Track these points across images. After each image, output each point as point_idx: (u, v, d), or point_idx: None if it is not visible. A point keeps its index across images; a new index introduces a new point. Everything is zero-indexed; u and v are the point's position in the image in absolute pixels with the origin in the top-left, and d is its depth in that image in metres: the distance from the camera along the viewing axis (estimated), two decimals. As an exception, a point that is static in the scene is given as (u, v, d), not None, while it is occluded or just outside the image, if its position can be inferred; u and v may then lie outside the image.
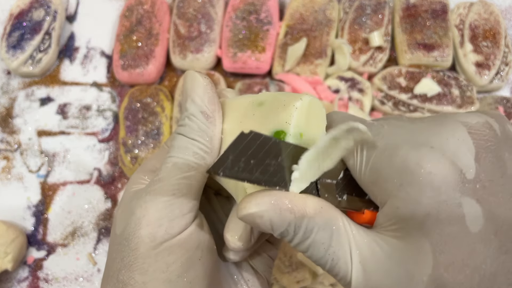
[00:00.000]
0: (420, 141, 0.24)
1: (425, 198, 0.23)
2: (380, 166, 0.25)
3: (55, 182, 0.63)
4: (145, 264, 0.26)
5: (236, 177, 0.24)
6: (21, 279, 0.58)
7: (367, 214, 0.28)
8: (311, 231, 0.24)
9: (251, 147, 0.24)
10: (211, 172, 0.23)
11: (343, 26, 0.68)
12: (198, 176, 0.28)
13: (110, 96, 0.68)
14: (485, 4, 0.69)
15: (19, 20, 0.69)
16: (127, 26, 0.69)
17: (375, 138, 0.26)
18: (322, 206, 0.25)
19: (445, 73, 0.64)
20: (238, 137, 0.23)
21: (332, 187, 0.27)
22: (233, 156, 0.23)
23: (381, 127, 0.26)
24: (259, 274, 0.33)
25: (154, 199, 0.27)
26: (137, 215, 0.27)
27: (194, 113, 0.28)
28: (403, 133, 0.25)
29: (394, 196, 0.24)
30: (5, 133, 0.66)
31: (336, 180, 0.28)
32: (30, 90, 0.69)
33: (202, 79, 0.29)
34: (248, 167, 0.24)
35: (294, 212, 0.24)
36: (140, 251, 0.26)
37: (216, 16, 0.69)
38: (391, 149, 0.25)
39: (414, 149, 0.24)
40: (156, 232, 0.26)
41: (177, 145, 0.28)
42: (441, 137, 0.24)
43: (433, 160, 0.23)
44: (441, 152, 0.23)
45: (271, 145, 0.25)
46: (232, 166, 0.23)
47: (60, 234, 0.61)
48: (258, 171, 0.24)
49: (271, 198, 0.24)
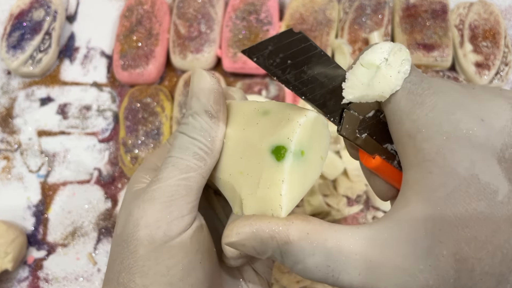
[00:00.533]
0: (472, 111, 0.23)
1: (461, 169, 0.22)
2: (424, 124, 0.23)
3: (55, 182, 0.63)
4: (145, 267, 0.26)
5: (269, 70, 0.23)
6: (21, 279, 0.58)
7: (377, 160, 0.27)
8: (299, 256, 0.23)
9: (293, 47, 0.23)
10: (246, 54, 0.22)
11: (343, 26, 0.68)
12: (197, 177, 0.28)
13: (110, 96, 0.68)
14: (485, 4, 0.69)
15: (19, 20, 0.69)
16: (127, 26, 0.69)
17: (425, 92, 0.24)
18: (308, 231, 0.24)
19: (445, 73, 0.64)
20: (285, 32, 0.23)
21: (357, 120, 0.27)
22: (273, 47, 0.23)
23: (433, 82, 0.25)
24: (259, 275, 0.33)
25: (152, 200, 0.27)
26: (135, 216, 0.27)
27: (198, 112, 0.28)
28: (456, 96, 0.24)
29: (431, 160, 0.23)
30: (5, 133, 0.66)
31: (364, 116, 0.27)
32: (30, 90, 0.69)
33: (210, 78, 0.28)
34: (283, 65, 0.23)
35: (276, 239, 0.23)
36: (140, 253, 0.26)
37: (216, 16, 0.69)
38: (442, 110, 0.23)
39: (465, 118, 0.23)
40: (155, 234, 0.26)
41: (178, 145, 0.28)
42: (492, 111, 0.23)
43: (481, 135, 0.22)
44: (489, 128, 0.22)
45: (314, 54, 0.24)
46: (268, 56, 0.23)
47: (60, 234, 0.61)
48: (292, 73, 0.24)
49: (252, 227, 0.24)
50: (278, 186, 0.25)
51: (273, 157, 0.25)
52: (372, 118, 0.27)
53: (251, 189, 0.26)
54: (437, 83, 0.25)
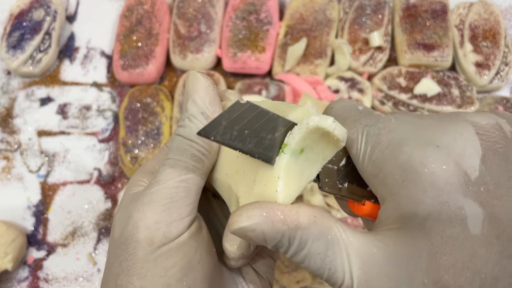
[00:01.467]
0: (426, 139, 0.24)
1: (427, 198, 0.22)
2: (383, 161, 0.24)
3: (55, 182, 0.63)
4: (143, 269, 0.26)
5: (228, 144, 0.23)
6: (21, 279, 0.58)
7: (368, 205, 0.27)
8: (306, 242, 0.23)
9: (246, 117, 0.23)
10: (202, 135, 0.22)
11: (343, 26, 0.68)
12: (196, 179, 0.28)
13: (110, 96, 0.68)
14: (485, 4, 0.69)
15: (19, 20, 0.69)
16: (127, 26, 0.69)
17: (381, 132, 0.25)
18: (316, 215, 0.24)
19: (445, 73, 0.64)
20: (234, 105, 0.23)
21: (333, 172, 0.27)
22: (227, 122, 0.23)
23: (388, 120, 0.26)
24: (261, 276, 0.33)
25: (151, 203, 0.27)
26: (135, 219, 0.27)
27: (195, 114, 0.28)
28: (410, 129, 0.25)
29: (396, 193, 0.24)
30: (5, 133, 0.66)
31: (338, 166, 0.27)
32: (30, 90, 0.69)
33: (204, 80, 0.28)
34: (241, 136, 0.23)
35: (287, 223, 0.23)
36: (138, 255, 0.26)
37: (216, 16, 0.69)
38: (396, 144, 0.24)
39: (419, 147, 0.23)
40: (154, 236, 0.26)
41: (176, 147, 0.28)
42: (448, 136, 0.23)
43: (437, 160, 0.23)
44: (446, 152, 0.23)
45: (268, 119, 0.24)
46: (224, 132, 0.23)
47: (60, 234, 0.61)
48: (252, 142, 0.24)
49: (262, 211, 0.23)
50: (274, 183, 0.25)
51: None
52: (346, 165, 0.28)
53: (247, 187, 0.26)
54: (393, 121, 0.26)
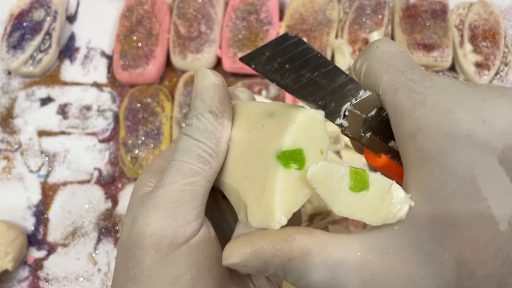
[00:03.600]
0: (474, 110, 0.22)
1: (463, 169, 0.22)
2: (425, 122, 0.23)
3: (55, 182, 0.63)
4: (151, 277, 0.25)
5: (267, 76, 0.23)
6: (21, 279, 0.58)
7: (383, 158, 0.27)
8: (304, 271, 0.23)
9: (290, 51, 0.23)
10: (244, 61, 0.22)
11: (343, 26, 0.68)
12: (203, 181, 0.26)
13: (110, 96, 0.68)
14: (484, 4, 0.69)
15: (19, 20, 0.69)
16: (127, 26, 0.69)
17: (426, 91, 0.24)
18: (311, 246, 0.23)
19: (444, 73, 0.64)
20: (280, 37, 0.23)
21: (360, 120, 0.27)
22: (270, 53, 0.23)
23: (435, 80, 0.24)
24: (271, 281, 0.32)
25: (156, 207, 0.26)
26: (140, 224, 0.26)
27: (203, 113, 0.27)
28: (458, 95, 0.23)
29: (430, 159, 0.22)
30: (6, 133, 0.66)
31: (366, 115, 0.27)
32: (31, 90, 0.69)
33: (214, 77, 0.27)
34: (281, 70, 0.23)
35: (278, 257, 0.23)
36: (146, 263, 0.25)
37: (216, 16, 0.69)
38: (443, 109, 0.23)
39: (467, 117, 0.22)
40: (161, 243, 0.25)
41: (182, 147, 0.27)
42: (495, 111, 0.22)
43: (483, 135, 0.22)
44: (491, 128, 0.22)
45: (311, 57, 0.24)
46: (266, 62, 0.23)
47: (61, 234, 0.61)
48: (290, 77, 0.24)
49: (253, 247, 0.23)
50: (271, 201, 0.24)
51: (279, 162, 0.25)
52: (375, 116, 0.27)
53: (256, 196, 0.25)
54: (440, 81, 0.24)
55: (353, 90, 0.26)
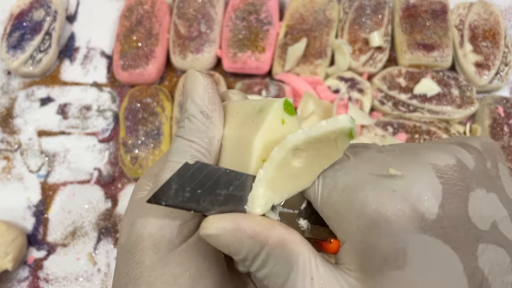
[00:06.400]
0: (383, 182, 0.23)
1: (383, 244, 0.22)
2: (339, 206, 0.24)
3: (55, 182, 0.63)
4: (151, 277, 0.26)
5: (181, 207, 0.23)
6: (21, 279, 0.58)
7: (334, 243, 0.27)
8: (268, 261, 0.23)
9: (197, 176, 0.23)
10: (152, 202, 0.22)
11: (343, 26, 0.68)
12: None
13: (110, 96, 0.68)
14: (485, 4, 0.69)
15: (19, 20, 0.69)
16: (127, 26, 0.69)
17: (337, 174, 0.25)
18: (288, 239, 0.24)
19: (444, 73, 0.64)
20: (183, 167, 0.23)
21: (293, 217, 0.27)
22: (178, 185, 0.23)
23: (345, 161, 0.25)
24: None
25: (153, 208, 0.26)
26: (138, 226, 0.26)
27: (194, 114, 0.27)
28: (367, 170, 0.24)
29: (353, 238, 0.24)
30: (6, 133, 0.66)
31: (299, 209, 0.27)
32: (30, 90, 0.69)
33: (203, 78, 0.28)
34: (194, 196, 0.23)
35: (254, 239, 0.23)
36: (145, 264, 0.26)
37: (216, 16, 0.69)
38: (352, 188, 0.24)
39: (375, 191, 0.23)
40: (160, 243, 0.26)
41: (176, 149, 0.27)
42: (406, 180, 0.23)
43: (393, 206, 0.22)
44: (403, 197, 0.22)
45: (220, 175, 0.24)
46: (175, 195, 0.23)
47: (60, 234, 0.61)
48: (207, 200, 0.24)
49: (233, 225, 0.23)
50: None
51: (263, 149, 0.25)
52: (308, 207, 0.27)
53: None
54: (351, 161, 0.25)
55: None
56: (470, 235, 0.23)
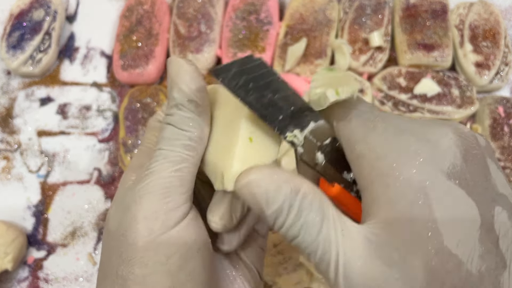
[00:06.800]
0: (419, 133, 0.25)
1: (417, 181, 0.23)
2: (377, 144, 0.25)
3: (55, 182, 0.63)
4: (144, 258, 0.26)
5: (232, 90, 0.24)
6: (21, 279, 0.58)
7: (336, 188, 0.28)
8: (304, 210, 0.23)
9: (254, 71, 0.25)
10: (213, 74, 0.24)
11: (343, 26, 0.68)
12: (190, 167, 0.28)
13: (110, 96, 0.68)
14: (485, 4, 0.69)
15: (19, 20, 0.69)
16: (127, 26, 0.69)
17: (376, 118, 0.26)
18: (316, 190, 0.25)
19: (445, 73, 0.64)
20: (246, 57, 0.24)
21: (314, 147, 0.28)
22: (237, 70, 0.24)
23: (381, 112, 0.27)
24: (250, 267, 0.34)
25: (148, 193, 0.27)
26: (132, 210, 0.27)
27: (183, 102, 0.28)
28: (403, 123, 0.26)
29: (386, 174, 0.24)
30: (5, 133, 0.66)
31: (321, 143, 0.28)
32: (30, 90, 0.69)
33: (188, 65, 0.28)
34: (246, 87, 0.25)
35: (290, 185, 0.24)
36: (139, 244, 0.26)
37: (216, 16, 0.69)
38: (392, 132, 0.25)
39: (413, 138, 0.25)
40: (153, 225, 0.26)
41: (167, 136, 0.28)
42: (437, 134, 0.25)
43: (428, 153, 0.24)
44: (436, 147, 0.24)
45: (273, 80, 0.25)
46: (232, 78, 0.24)
47: (60, 234, 0.61)
48: (253, 95, 0.25)
49: (269, 169, 0.24)
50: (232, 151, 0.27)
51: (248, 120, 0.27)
52: (329, 145, 0.28)
53: (230, 158, 0.27)
54: (385, 113, 0.27)
55: (309, 117, 0.27)
56: (488, 194, 0.24)
